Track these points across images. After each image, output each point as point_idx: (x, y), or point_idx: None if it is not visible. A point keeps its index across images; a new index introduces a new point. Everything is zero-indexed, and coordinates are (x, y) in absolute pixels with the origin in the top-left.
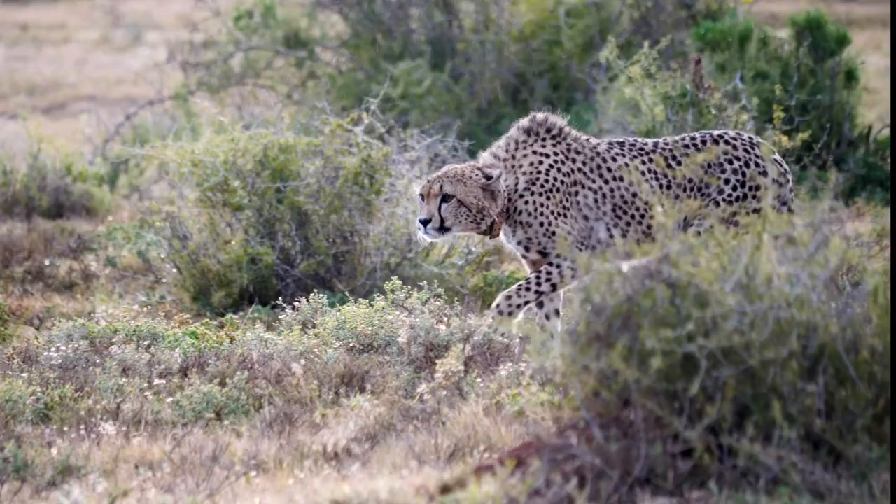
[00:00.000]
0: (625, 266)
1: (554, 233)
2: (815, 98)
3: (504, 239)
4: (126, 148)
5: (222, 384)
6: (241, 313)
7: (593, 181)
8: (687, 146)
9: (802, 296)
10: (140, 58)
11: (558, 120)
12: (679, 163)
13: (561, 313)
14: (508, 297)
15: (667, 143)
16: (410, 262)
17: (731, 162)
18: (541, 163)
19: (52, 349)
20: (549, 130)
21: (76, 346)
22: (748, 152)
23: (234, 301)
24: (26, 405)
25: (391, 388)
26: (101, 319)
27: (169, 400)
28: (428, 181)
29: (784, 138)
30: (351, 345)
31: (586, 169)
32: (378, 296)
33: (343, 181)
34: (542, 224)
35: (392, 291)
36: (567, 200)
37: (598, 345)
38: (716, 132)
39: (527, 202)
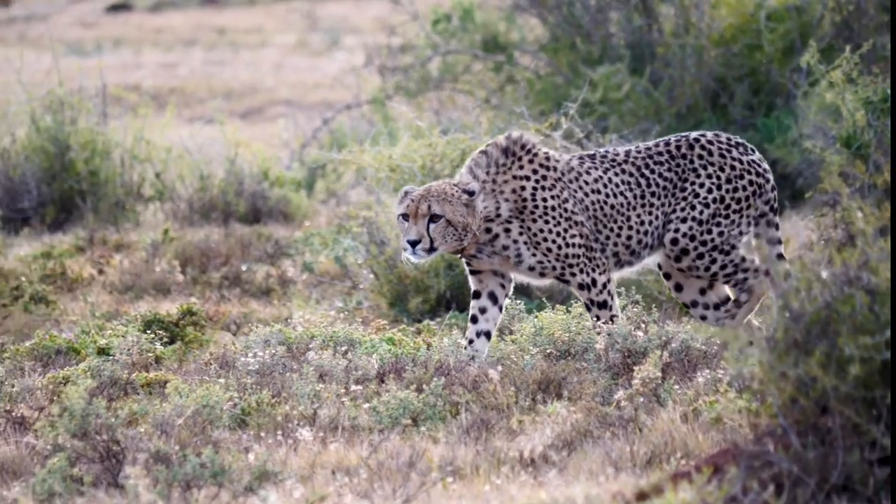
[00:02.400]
0: (824, 273)
1: (567, 255)
2: None
3: (473, 267)
4: (323, 153)
5: (419, 390)
6: (438, 319)
7: (575, 191)
8: (661, 153)
9: None
10: (337, 62)
11: (532, 137)
12: (653, 171)
13: (492, 336)
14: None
15: (639, 151)
16: None
17: (705, 167)
18: (523, 188)
19: (250, 355)
20: (523, 147)
21: (273, 351)
22: (724, 157)
23: (431, 307)
24: (223, 411)
25: (588, 395)
26: (298, 325)
27: (366, 406)
28: (412, 200)
29: None
30: (548, 351)
31: (566, 178)
32: (576, 302)
33: None
34: (549, 249)
35: None
36: (566, 212)
37: (796, 352)
38: (693, 134)
39: (521, 232)
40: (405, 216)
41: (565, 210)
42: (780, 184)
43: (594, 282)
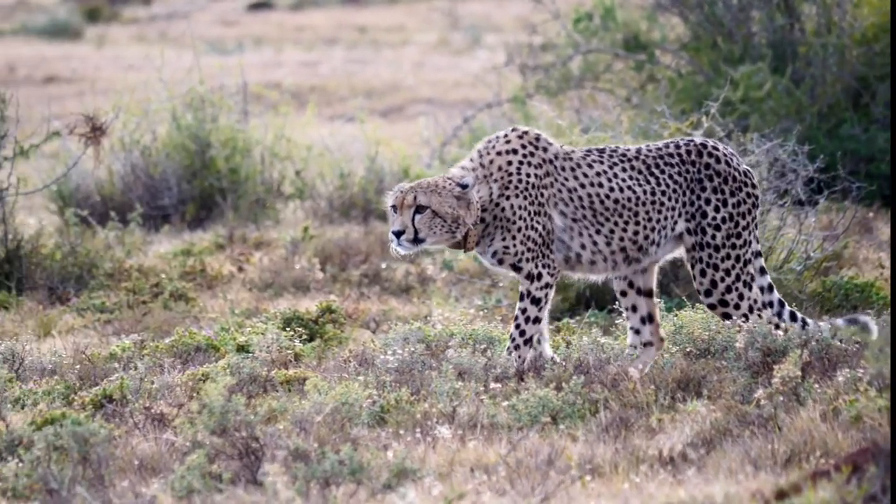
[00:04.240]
0: None
1: (530, 237)
2: None
3: (478, 252)
4: (464, 151)
5: (558, 388)
6: (577, 318)
7: (566, 179)
8: (671, 154)
9: None
10: (478, 60)
11: (529, 129)
12: (663, 171)
13: (656, 318)
14: (516, 347)
15: (650, 150)
16: None
17: (711, 179)
18: (510, 163)
19: (389, 352)
20: (516, 131)
21: (412, 349)
22: (729, 165)
23: (571, 305)
24: (362, 408)
25: (728, 394)
26: (438, 323)
27: (504, 404)
28: (401, 192)
29: None
30: (688, 349)
31: (557, 164)
32: None
33: None
34: (520, 229)
35: None
36: (542, 196)
37: None
38: (698, 140)
39: (504, 209)
40: (394, 207)
41: (542, 194)
42: None
43: (539, 276)
